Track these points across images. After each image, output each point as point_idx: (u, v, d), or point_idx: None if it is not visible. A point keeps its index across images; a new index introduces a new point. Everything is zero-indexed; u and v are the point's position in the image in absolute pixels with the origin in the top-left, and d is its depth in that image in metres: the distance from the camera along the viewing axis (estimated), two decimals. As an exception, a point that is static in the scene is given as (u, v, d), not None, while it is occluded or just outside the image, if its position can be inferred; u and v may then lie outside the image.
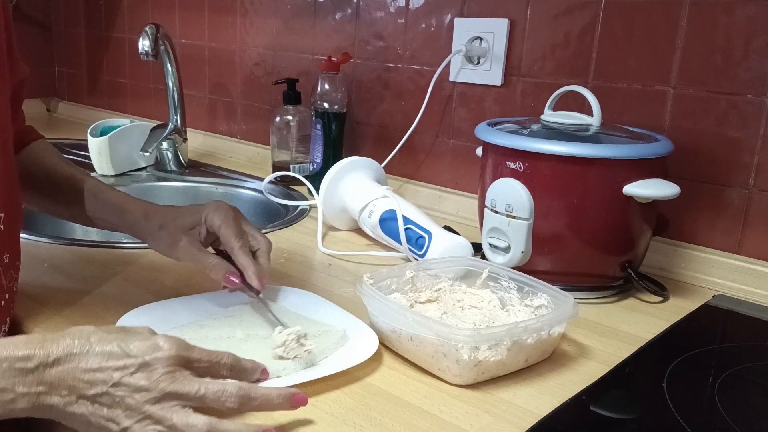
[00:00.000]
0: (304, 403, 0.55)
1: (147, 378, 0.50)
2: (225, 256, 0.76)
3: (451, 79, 1.16)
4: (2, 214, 0.63)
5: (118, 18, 1.84)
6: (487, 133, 0.87)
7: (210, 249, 0.78)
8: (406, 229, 0.93)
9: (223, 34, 1.57)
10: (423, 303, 0.74)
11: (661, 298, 0.86)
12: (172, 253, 0.77)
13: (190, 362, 0.53)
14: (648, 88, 0.94)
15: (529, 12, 1.05)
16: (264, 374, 0.58)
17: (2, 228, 0.64)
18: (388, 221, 0.96)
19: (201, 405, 0.51)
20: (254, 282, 0.72)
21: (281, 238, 1.03)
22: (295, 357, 0.62)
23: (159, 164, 1.45)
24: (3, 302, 0.65)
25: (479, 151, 0.92)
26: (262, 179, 1.26)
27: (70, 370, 0.49)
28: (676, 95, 0.92)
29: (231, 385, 0.52)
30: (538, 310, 0.71)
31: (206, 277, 0.84)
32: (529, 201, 0.81)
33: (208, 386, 0.52)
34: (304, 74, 1.38)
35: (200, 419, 0.50)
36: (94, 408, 0.50)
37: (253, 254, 0.75)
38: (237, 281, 0.73)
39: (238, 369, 0.56)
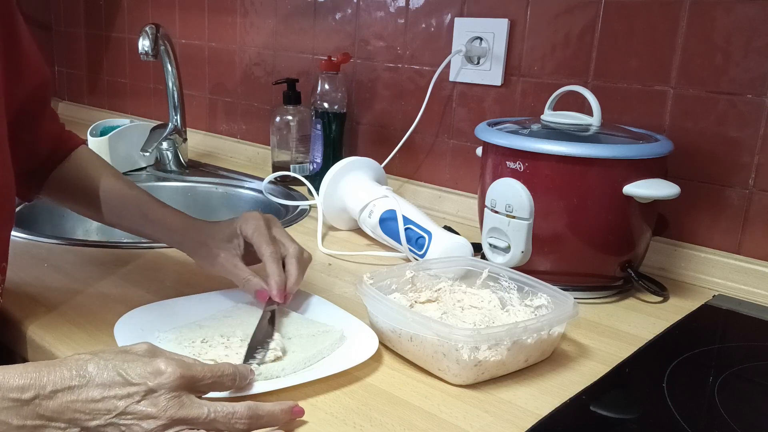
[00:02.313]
0: (301, 413, 0.56)
1: (154, 405, 0.49)
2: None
3: (451, 79, 1.16)
4: None
5: (118, 18, 1.84)
6: (487, 133, 0.87)
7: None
8: (406, 229, 0.93)
9: (223, 34, 1.57)
10: (423, 303, 0.74)
11: (661, 298, 0.86)
12: (212, 270, 0.76)
13: (195, 381, 0.52)
14: (648, 88, 0.94)
15: (529, 12, 1.05)
16: (252, 373, 0.58)
17: None
18: (388, 221, 0.96)
19: (210, 429, 0.50)
20: (273, 292, 0.71)
21: (281, 238, 1.03)
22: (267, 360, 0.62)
23: (159, 164, 1.45)
24: None
25: (479, 151, 0.92)
26: (262, 179, 1.26)
27: (70, 402, 0.48)
28: (676, 95, 0.92)
29: (240, 405, 0.52)
30: (538, 310, 0.71)
31: (206, 278, 0.84)
32: (529, 201, 0.81)
33: (217, 409, 0.51)
34: (304, 74, 1.38)
35: None
36: None
37: (284, 261, 0.74)
38: (266, 295, 0.72)
39: (239, 376, 0.56)
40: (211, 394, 0.55)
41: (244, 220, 0.75)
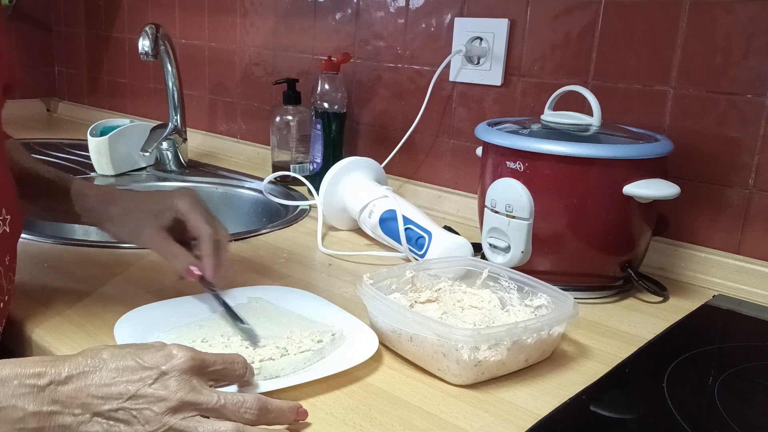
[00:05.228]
0: (306, 415, 0.56)
1: (164, 387, 0.49)
2: (188, 247, 0.74)
3: (451, 79, 1.16)
4: (8, 217, 0.63)
5: (118, 18, 1.84)
6: (487, 133, 0.87)
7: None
8: (406, 229, 0.93)
9: (223, 34, 1.57)
10: (423, 303, 0.74)
11: (661, 298, 0.86)
12: (135, 240, 0.75)
13: (206, 365, 0.52)
14: (648, 88, 0.94)
15: (529, 12, 1.05)
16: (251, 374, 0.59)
17: (7, 230, 0.63)
18: (388, 221, 0.96)
19: (218, 416, 0.50)
20: (208, 271, 0.71)
21: (281, 238, 1.03)
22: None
23: (159, 164, 1.45)
24: (2, 304, 0.65)
25: (479, 151, 0.92)
26: (262, 179, 1.26)
27: (84, 388, 0.48)
28: (676, 95, 0.92)
29: (250, 396, 0.52)
30: (538, 310, 0.71)
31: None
32: (529, 201, 0.81)
33: (228, 396, 0.51)
34: (304, 74, 1.38)
35: (228, 425, 0.50)
36: (109, 425, 0.48)
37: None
38: (197, 273, 0.71)
39: (249, 367, 0.57)
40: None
41: (179, 195, 0.74)
